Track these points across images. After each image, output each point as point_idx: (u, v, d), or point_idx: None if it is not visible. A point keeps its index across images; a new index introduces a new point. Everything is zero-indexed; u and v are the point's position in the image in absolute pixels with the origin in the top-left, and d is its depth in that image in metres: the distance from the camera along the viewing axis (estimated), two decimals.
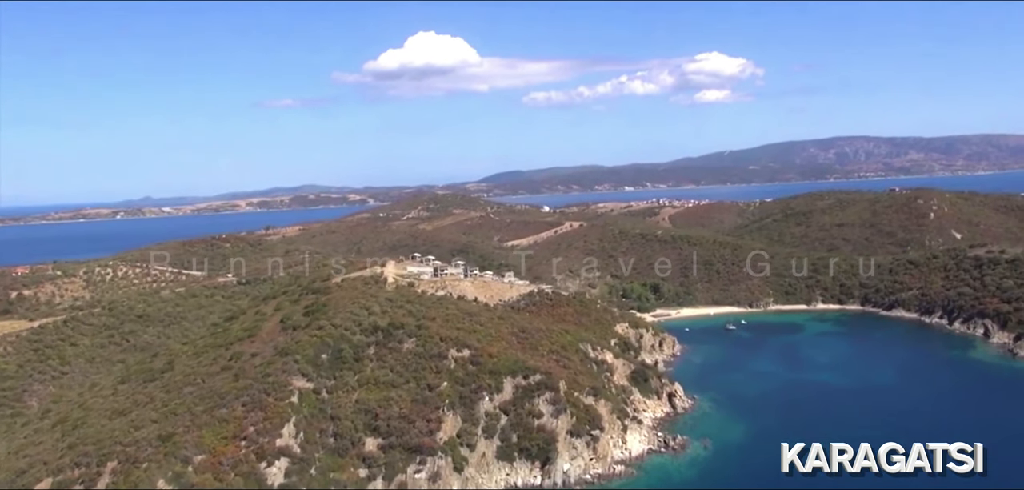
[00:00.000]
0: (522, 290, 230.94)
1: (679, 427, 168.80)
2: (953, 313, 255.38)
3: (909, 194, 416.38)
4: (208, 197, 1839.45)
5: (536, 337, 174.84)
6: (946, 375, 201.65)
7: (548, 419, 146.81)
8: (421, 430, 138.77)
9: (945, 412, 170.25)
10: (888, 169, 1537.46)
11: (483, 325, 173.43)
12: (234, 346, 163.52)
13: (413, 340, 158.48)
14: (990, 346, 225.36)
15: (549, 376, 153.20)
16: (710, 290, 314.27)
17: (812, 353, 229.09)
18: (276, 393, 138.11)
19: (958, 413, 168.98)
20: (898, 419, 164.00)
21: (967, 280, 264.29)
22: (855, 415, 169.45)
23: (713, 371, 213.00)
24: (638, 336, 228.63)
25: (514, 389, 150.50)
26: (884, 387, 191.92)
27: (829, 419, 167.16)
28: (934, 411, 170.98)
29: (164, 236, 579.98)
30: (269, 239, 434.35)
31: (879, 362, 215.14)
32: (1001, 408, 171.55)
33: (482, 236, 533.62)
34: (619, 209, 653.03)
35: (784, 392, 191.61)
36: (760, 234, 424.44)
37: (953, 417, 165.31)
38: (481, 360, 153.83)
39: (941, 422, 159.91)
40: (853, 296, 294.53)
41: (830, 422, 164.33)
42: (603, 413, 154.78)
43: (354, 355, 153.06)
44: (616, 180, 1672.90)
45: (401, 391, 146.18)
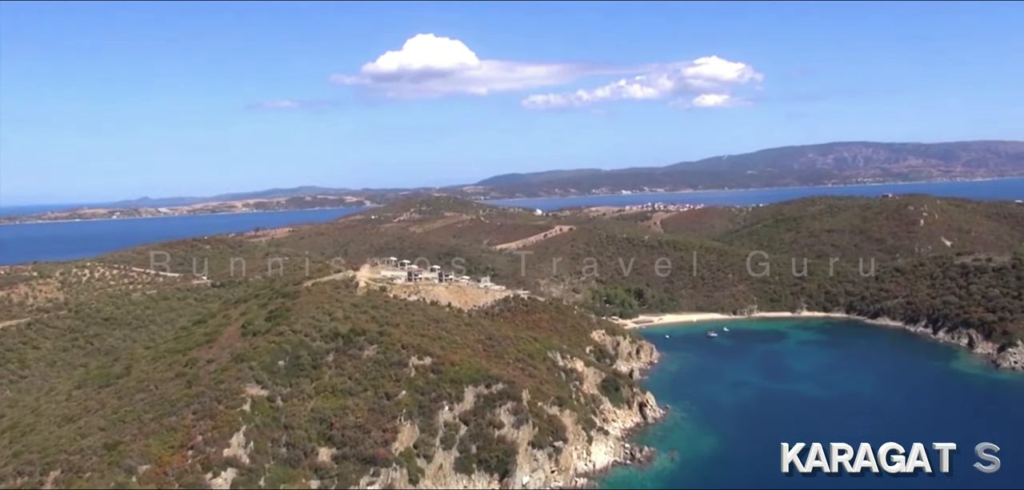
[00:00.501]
0: (497, 295, 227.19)
1: (648, 438, 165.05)
2: (938, 322, 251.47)
3: (900, 200, 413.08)
4: (206, 198, 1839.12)
5: (503, 345, 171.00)
6: (925, 387, 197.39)
7: (509, 430, 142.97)
8: (376, 440, 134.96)
9: (919, 425, 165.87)
10: (886, 175, 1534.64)
11: (449, 332, 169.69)
12: (192, 352, 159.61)
13: (374, 347, 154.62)
14: (973, 356, 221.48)
15: (512, 385, 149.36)
16: (694, 296, 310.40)
17: (792, 362, 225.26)
18: (227, 401, 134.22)
19: (932, 426, 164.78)
20: (871, 432, 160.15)
21: (953, 288, 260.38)
22: (829, 427, 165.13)
23: (690, 380, 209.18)
24: (615, 343, 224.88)
25: (476, 398, 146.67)
26: (861, 398, 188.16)
27: (802, 431, 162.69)
28: (908, 424, 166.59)
29: (158, 237, 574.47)
30: (251, 241, 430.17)
31: (859, 372, 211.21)
32: (971, 420, 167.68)
33: (471, 239, 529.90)
34: (611, 213, 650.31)
35: (759, 403, 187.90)
36: (750, 240, 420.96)
37: (925, 431, 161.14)
38: (442, 368, 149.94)
39: (913, 436, 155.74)
40: (838, 303, 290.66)
41: (802, 435, 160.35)
42: (567, 424, 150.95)
43: (312, 362, 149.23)
44: (614, 184, 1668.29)
45: (359, 399, 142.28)
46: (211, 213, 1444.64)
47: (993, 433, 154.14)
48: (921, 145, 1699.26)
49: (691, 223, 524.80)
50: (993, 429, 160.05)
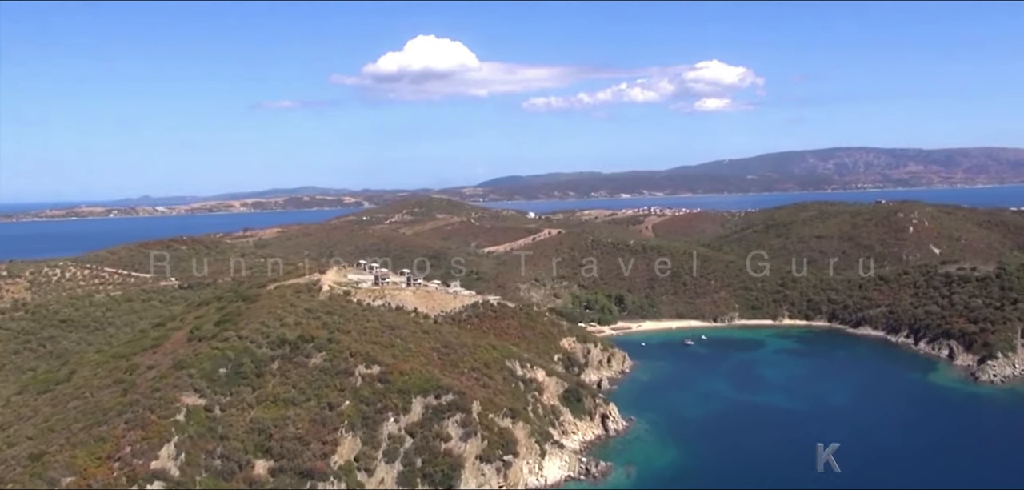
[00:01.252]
0: (466, 301, 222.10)
1: (608, 451, 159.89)
2: (919, 332, 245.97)
3: (890, 207, 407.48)
4: (206, 197, 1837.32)
5: (459, 353, 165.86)
6: (899, 400, 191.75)
7: (456, 443, 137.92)
8: (315, 453, 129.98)
9: (887, 440, 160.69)
10: (887, 181, 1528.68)
11: (403, 339, 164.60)
12: (136, 357, 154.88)
13: (322, 355, 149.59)
14: (953, 368, 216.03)
15: (462, 396, 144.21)
16: (676, 302, 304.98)
17: (767, 372, 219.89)
18: (161, 410, 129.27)
19: (900, 443, 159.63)
20: (842, 451, 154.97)
21: (936, 298, 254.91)
22: (794, 443, 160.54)
23: (659, 390, 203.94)
24: (585, 351, 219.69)
25: (424, 409, 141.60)
26: (832, 411, 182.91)
27: (766, 448, 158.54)
28: (876, 439, 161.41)
29: (152, 235, 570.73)
30: (229, 242, 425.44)
31: (833, 384, 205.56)
32: (940, 436, 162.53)
33: (460, 241, 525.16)
34: (604, 217, 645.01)
35: (727, 415, 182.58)
36: (740, 245, 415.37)
37: (896, 448, 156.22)
38: (390, 378, 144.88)
39: (881, 454, 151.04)
40: (821, 312, 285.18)
41: (766, 451, 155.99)
42: (520, 436, 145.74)
43: (256, 370, 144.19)
44: (613, 187, 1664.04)
45: (301, 409, 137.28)
46: (209, 213, 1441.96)
47: (960, 452, 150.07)
48: (922, 151, 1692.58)
49: (682, 228, 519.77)
50: (962, 446, 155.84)
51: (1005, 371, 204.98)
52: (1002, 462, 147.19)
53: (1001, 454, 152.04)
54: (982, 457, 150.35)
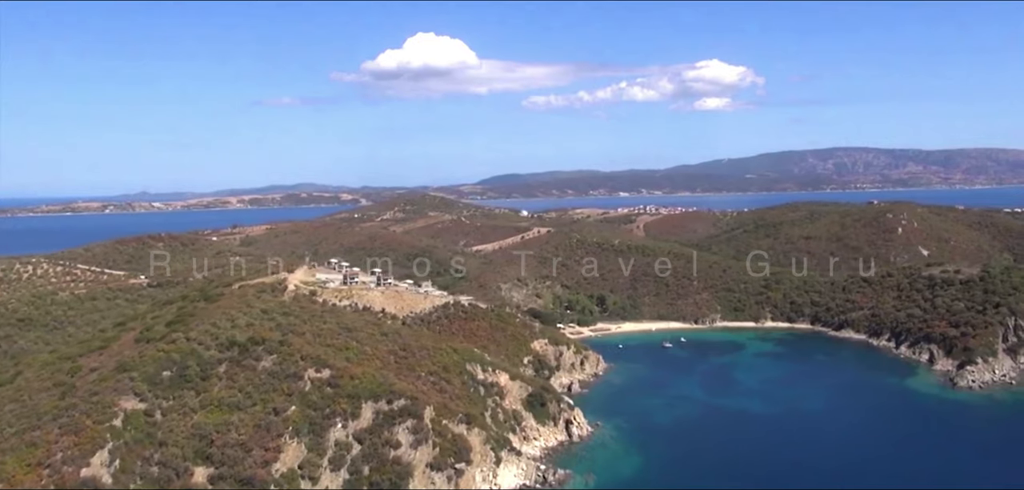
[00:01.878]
0: (436, 301, 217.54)
1: (569, 458, 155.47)
2: (901, 336, 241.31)
3: (879, 208, 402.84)
4: (206, 193, 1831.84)
5: (417, 356, 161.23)
6: (874, 407, 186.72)
7: (406, 450, 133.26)
8: (257, 460, 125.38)
9: (853, 451, 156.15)
10: (886, 181, 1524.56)
11: (360, 342, 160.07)
12: (82, 358, 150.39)
13: (273, 358, 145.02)
14: (932, 373, 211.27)
15: (415, 401, 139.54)
16: (657, 304, 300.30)
17: (743, 376, 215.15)
18: (97, 415, 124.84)
19: (870, 451, 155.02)
20: (805, 459, 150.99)
21: (918, 301, 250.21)
22: (761, 452, 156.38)
23: (631, 394, 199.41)
24: (557, 353, 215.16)
25: (374, 415, 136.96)
26: (804, 417, 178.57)
27: (732, 456, 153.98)
28: (843, 449, 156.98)
29: (145, 231, 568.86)
30: (214, 239, 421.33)
31: (809, 389, 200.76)
32: (910, 444, 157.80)
33: (448, 240, 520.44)
34: (597, 216, 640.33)
35: (697, 421, 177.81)
36: (729, 245, 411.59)
37: (860, 459, 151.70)
38: (341, 382, 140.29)
39: (844, 465, 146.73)
40: (803, 314, 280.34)
41: (732, 460, 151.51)
42: (474, 443, 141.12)
43: (201, 373, 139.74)
44: (612, 186, 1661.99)
45: (246, 415, 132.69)
46: (205, 209, 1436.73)
47: (925, 462, 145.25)
48: (922, 151, 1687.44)
49: (673, 228, 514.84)
50: (928, 456, 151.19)
51: (984, 377, 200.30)
52: (965, 474, 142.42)
53: (966, 464, 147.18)
54: (947, 468, 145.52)
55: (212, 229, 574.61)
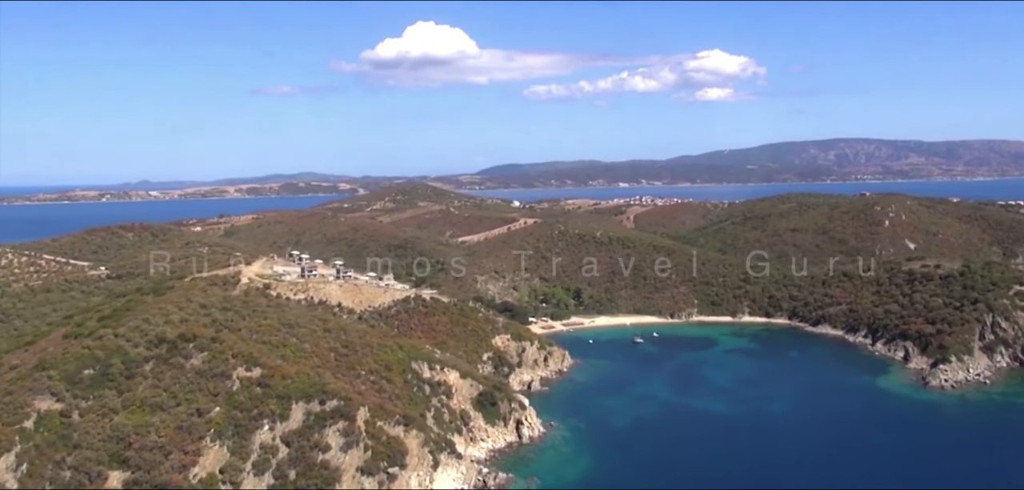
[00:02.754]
0: (396, 295, 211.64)
1: (516, 460, 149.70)
2: (877, 332, 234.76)
3: (867, 200, 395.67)
4: (206, 182, 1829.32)
5: (360, 354, 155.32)
6: (840, 408, 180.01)
7: (336, 453, 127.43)
8: (174, 464, 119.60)
9: (817, 454, 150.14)
10: (887, 172, 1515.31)
11: (300, 339, 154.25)
12: (8, 355, 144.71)
13: (203, 355, 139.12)
14: (906, 371, 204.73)
15: (348, 402, 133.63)
16: (634, 297, 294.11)
17: (711, 374, 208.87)
18: (7, 416, 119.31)
19: (831, 455, 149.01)
20: (761, 464, 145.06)
21: (897, 296, 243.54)
22: (718, 456, 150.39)
23: (593, 392, 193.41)
24: (520, 349, 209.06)
25: (305, 416, 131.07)
26: (768, 419, 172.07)
27: (686, 461, 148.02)
28: (807, 453, 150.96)
29: (139, 220, 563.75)
30: (196, 229, 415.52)
31: (778, 388, 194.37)
32: (871, 451, 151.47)
33: (435, 231, 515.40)
34: (588, 207, 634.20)
35: (656, 423, 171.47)
36: (716, 237, 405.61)
37: (822, 461, 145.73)
38: (271, 382, 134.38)
39: (807, 469, 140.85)
40: (781, 309, 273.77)
41: (685, 464, 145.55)
42: (411, 446, 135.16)
43: (125, 372, 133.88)
44: (612, 176, 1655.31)
45: (168, 416, 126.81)
46: (202, 198, 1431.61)
47: (884, 466, 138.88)
48: (924, 143, 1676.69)
49: (663, 219, 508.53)
50: (888, 461, 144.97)
51: (957, 376, 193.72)
52: (920, 478, 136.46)
53: (923, 468, 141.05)
54: (903, 472, 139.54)
55: (198, 218, 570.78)
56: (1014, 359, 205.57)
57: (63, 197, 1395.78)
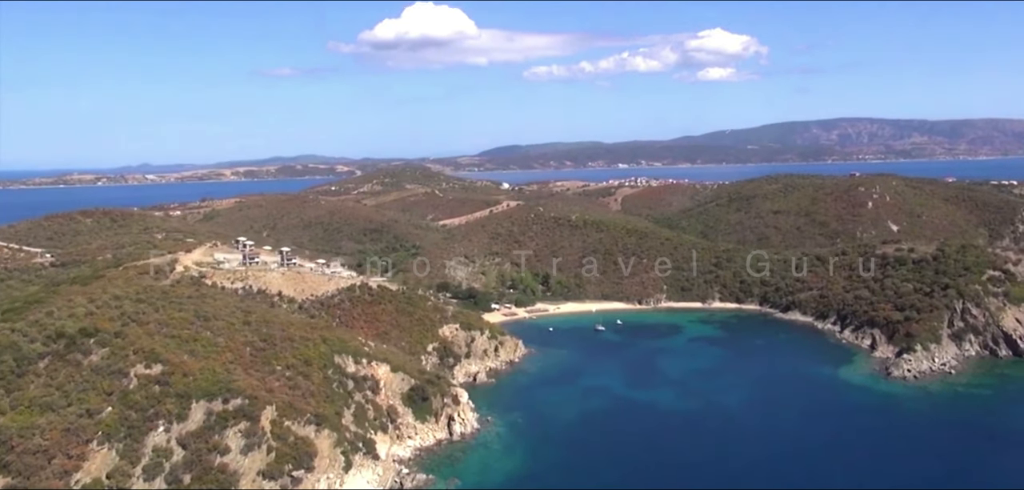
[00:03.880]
0: (341, 283, 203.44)
1: (443, 458, 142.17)
2: (846, 319, 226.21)
3: (851, 181, 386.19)
4: (208, 165, 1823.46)
5: (278, 348, 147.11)
6: (796, 401, 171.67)
7: (235, 456, 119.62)
8: (57, 470, 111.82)
9: (759, 451, 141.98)
10: (889, 152, 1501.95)
11: (214, 332, 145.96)
12: None
13: (104, 351, 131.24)
14: (871, 361, 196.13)
15: (254, 401, 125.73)
16: (603, 283, 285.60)
17: (669, 364, 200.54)
18: None
19: (774, 452, 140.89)
20: (699, 461, 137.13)
21: (868, 282, 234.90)
22: (657, 453, 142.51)
23: (542, 385, 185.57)
24: (469, 339, 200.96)
25: (206, 416, 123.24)
26: (719, 413, 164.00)
27: (623, 459, 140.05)
28: (748, 450, 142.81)
29: (134, 203, 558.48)
30: (173, 213, 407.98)
31: (733, 380, 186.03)
32: (821, 444, 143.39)
33: (416, 214, 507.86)
34: (576, 188, 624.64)
35: (600, 418, 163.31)
36: (699, 220, 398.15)
37: (764, 459, 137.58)
38: (171, 379, 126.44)
39: (744, 467, 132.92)
40: (752, 294, 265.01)
41: (621, 463, 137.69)
42: (322, 446, 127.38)
43: (17, 369, 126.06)
44: (612, 157, 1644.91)
45: (57, 417, 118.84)
46: (198, 181, 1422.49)
47: (825, 465, 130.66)
48: (927, 122, 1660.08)
49: (651, 201, 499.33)
50: (832, 458, 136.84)
51: (921, 366, 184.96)
52: (861, 476, 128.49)
53: (865, 466, 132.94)
54: (844, 470, 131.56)
55: (180, 202, 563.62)
56: (984, 347, 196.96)
57: (59, 181, 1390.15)
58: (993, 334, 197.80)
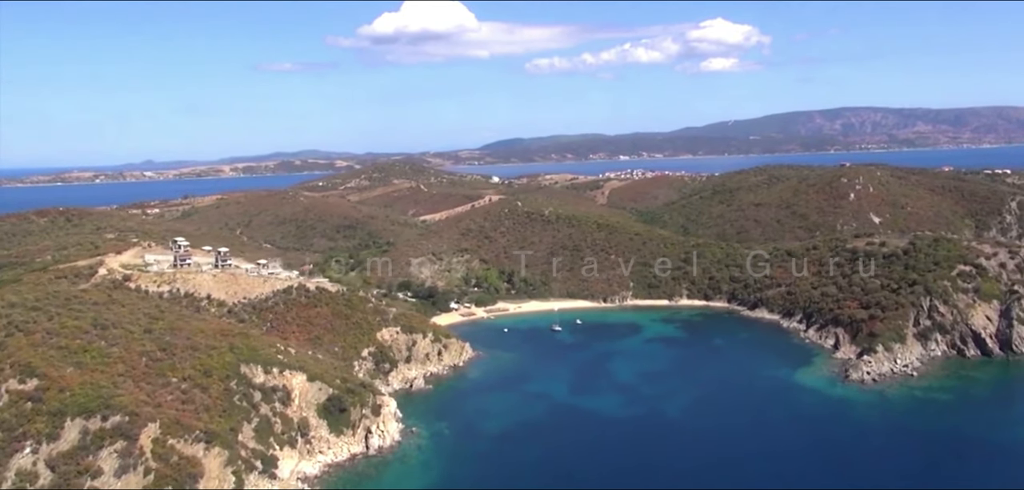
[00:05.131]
0: (277, 285, 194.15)
1: (354, 475, 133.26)
2: (812, 317, 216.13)
3: (834, 172, 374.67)
4: (210, 160, 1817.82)
5: (178, 357, 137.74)
6: (743, 407, 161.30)
7: (108, 479, 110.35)
8: None
9: (693, 464, 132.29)
10: (893, 141, 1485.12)
11: (110, 341, 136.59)
12: None
13: None
14: (831, 362, 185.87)
15: (134, 418, 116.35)
16: (570, 280, 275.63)
17: (620, 367, 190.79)
18: None
19: (709, 464, 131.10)
20: (628, 476, 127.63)
21: (837, 277, 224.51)
22: (587, 467, 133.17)
23: (480, 391, 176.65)
24: (410, 343, 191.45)
25: (81, 435, 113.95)
26: (661, 421, 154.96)
27: (552, 472, 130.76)
28: (682, 463, 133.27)
29: (130, 201, 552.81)
30: (119, 212, 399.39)
31: (683, 384, 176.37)
32: (759, 456, 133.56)
33: (397, 210, 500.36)
34: (565, 182, 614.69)
35: (534, 427, 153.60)
36: (681, 213, 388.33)
37: (694, 471, 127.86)
38: (45, 395, 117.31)
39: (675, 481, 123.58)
40: (721, 291, 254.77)
41: (550, 475, 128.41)
42: (210, 466, 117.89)
43: None
44: (613, 150, 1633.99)
45: None
46: (197, 177, 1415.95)
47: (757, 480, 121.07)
48: (931, 111, 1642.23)
49: (637, 194, 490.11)
50: (766, 473, 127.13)
51: (882, 367, 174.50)
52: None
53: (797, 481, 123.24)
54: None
55: (161, 200, 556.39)
56: (951, 347, 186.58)
57: (57, 179, 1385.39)
58: (961, 333, 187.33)
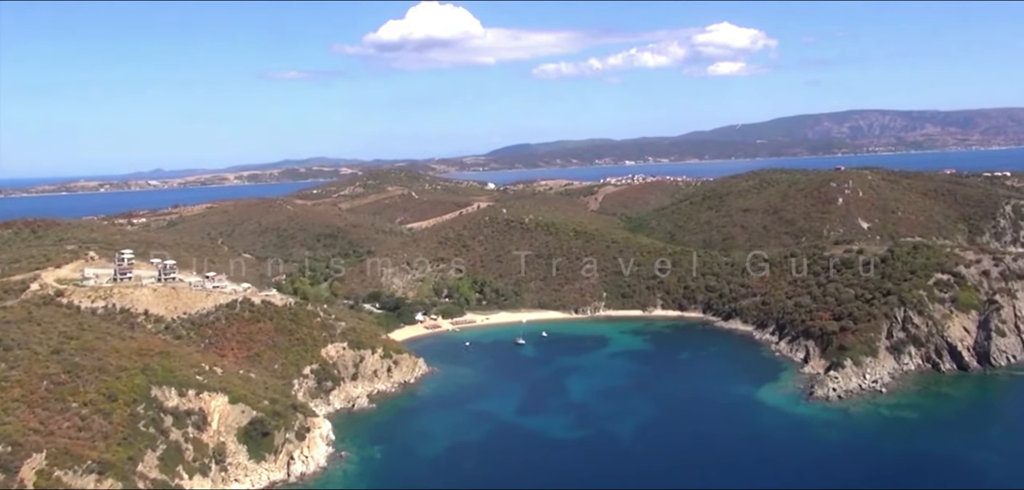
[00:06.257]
0: (221, 299, 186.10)
1: None
2: (784, 328, 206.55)
3: (825, 176, 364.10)
4: (218, 168, 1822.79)
5: (83, 380, 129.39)
6: (697, 430, 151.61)
7: None
8: None
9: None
10: (901, 144, 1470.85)
11: (9, 363, 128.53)
12: None
13: None
14: (799, 377, 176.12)
15: (17, 448, 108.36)
16: (543, 289, 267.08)
17: (577, 384, 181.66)
18: None
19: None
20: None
21: (812, 286, 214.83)
22: None
23: (427, 410, 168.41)
24: (357, 359, 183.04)
25: None
26: (607, 445, 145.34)
27: None
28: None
29: (131, 208, 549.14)
30: (102, 222, 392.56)
31: (639, 403, 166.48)
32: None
33: (385, 218, 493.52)
34: (558, 187, 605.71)
35: (475, 450, 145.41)
36: (669, 220, 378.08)
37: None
38: None
39: None
40: (696, 301, 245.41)
41: None
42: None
43: None
44: (619, 154, 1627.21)
45: None
46: (201, 186, 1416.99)
47: None
48: (940, 113, 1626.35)
49: (628, 200, 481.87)
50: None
51: (850, 383, 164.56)
52: None
53: None
54: None
55: (150, 209, 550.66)
56: (926, 360, 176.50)
57: (61, 188, 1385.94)
58: (936, 345, 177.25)
